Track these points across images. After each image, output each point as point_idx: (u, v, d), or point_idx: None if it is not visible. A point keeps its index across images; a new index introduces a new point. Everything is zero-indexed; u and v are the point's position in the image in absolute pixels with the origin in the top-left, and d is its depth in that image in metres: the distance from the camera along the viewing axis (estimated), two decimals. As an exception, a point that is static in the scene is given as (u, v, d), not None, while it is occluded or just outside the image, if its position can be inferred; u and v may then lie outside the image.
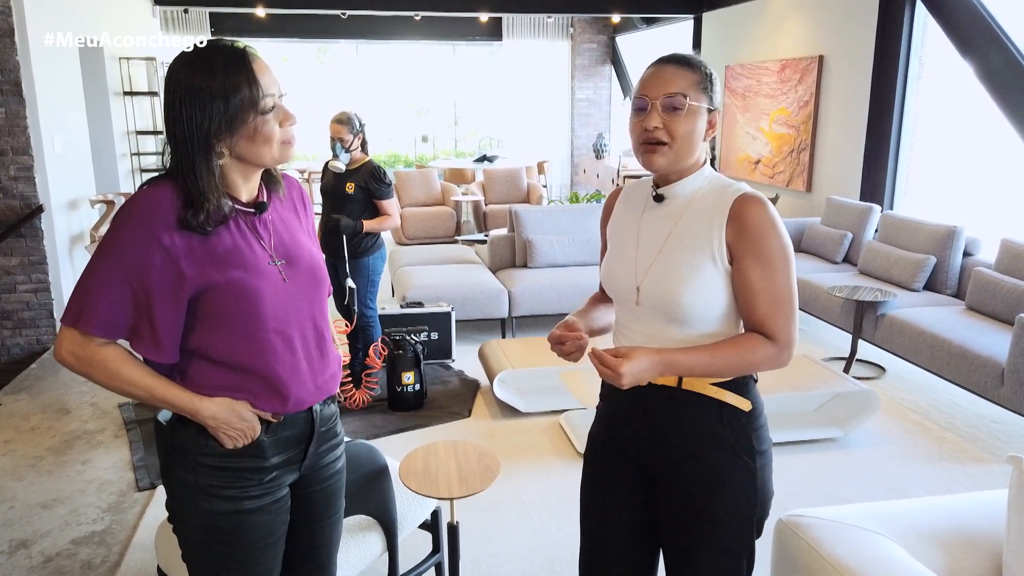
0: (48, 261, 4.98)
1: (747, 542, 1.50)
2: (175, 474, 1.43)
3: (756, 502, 1.48)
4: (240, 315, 1.35)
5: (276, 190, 1.49)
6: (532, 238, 5.47)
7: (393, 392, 3.98)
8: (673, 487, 1.50)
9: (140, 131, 7.14)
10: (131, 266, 1.28)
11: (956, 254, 4.66)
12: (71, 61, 5.44)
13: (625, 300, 1.53)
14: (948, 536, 1.78)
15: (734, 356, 1.39)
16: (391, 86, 12.93)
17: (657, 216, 1.51)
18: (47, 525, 2.94)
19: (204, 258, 1.32)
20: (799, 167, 6.83)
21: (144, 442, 3.59)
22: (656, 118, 1.40)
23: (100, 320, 1.30)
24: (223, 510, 1.41)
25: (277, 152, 1.37)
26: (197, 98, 1.28)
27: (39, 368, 4.71)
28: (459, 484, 2.19)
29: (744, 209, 1.40)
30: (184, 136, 1.29)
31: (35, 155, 4.83)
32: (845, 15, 6.16)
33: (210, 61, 1.30)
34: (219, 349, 1.37)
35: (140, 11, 7.64)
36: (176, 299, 1.31)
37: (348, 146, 3.88)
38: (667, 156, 1.42)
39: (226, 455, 1.40)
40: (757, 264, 1.39)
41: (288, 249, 1.45)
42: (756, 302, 1.40)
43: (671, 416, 1.48)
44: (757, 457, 1.48)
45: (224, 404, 1.37)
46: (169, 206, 1.30)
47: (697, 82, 1.41)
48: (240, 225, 1.39)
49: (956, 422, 3.85)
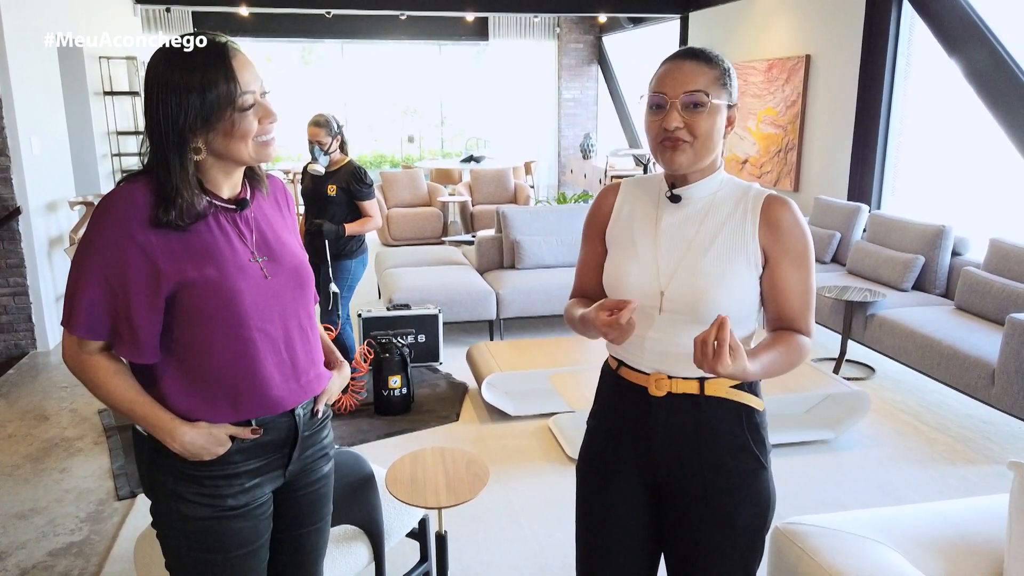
0: (26, 264, 4.88)
1: (759, 546, 1.48)
2: (156, 479, 1.40)
3: (771, 503, 1.47)
4: (220, 312, 1.32)
5: (260, 188, 1.46)
6: (520, 239, 5.43)
7: (380, 396, 3.92)
8: (688, 497, 1.46)
9: (121, 131, 7.03)
10: (108, 264, 1.26)
11: (944, 254, 4.65)
12: (49, 60, 5.33)
13: (644, 307, 1.44)
14: (947, 543, 1.74)
15: (791, 357, 1.39)
16: (377, 86, 12.84)
17: (676, 218, 1.45)
18: (23, 536, 2.86)
19: (181, 255, 1.29)
20: (786, 167, 6.82)
21: (124, 449, 3.51)
22: (676, 117, 1.35)
23: (83, 321, 1.29)
24: (203, 516, 1.37)
25: (253, 150, 1.32)
26: (173, 92, 1.25)
27: (16, 374, 4.61)
28: (447, 493, 2.14)
29: (778, 212, 1.40)
30: (159, 130, 1.26)
31: (12, 156, 4.73)
32: (832, 14, 6.15)
33: (189, 55, 1.26)
34: (201, 349, 1.33)
35: (121, 10, 7.52)
36: (154, 297, 1.28)
37: (327, 148, 3.82)
38: (688, 154, 1.37)
39: (199, 463, 1.37)
40: (792, 264, 1.40)
41: (271, 246, 1.41)
42: (790, 301, 1.42)
43: (694, 423, 1.44)
44: (768, 455, 1.48)
45: (202, 432, 1.34)
46: (143, 202, 1.27)
47: (716, 78, 1.37)
48: (220, 221, 1.35)
49: (947, 423, 3.84)
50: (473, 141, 11.66)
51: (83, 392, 4.25)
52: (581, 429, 3.60)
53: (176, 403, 1.35)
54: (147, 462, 1.43)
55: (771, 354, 1.36)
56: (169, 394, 1.35)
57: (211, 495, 1.37)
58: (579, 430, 3.61)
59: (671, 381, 1.44)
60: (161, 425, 1.33)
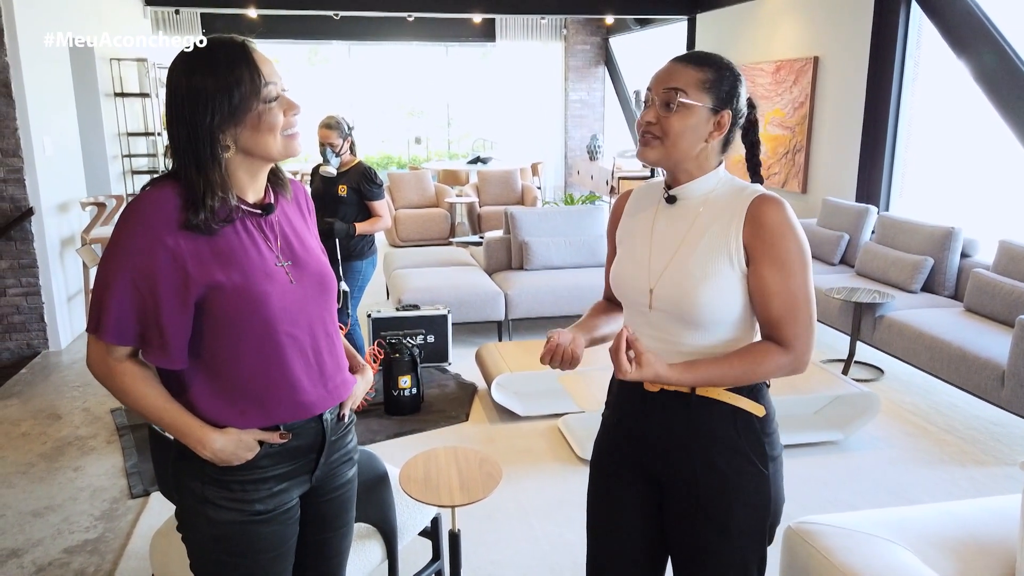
0: (39, 264, 4.92)
1: (759, 550, 1.48)
2: (183, 482, 1.40)
3: (769, 509, 1.46)
4: (249, 317, 1.32)
5: (283, 192, 1.47)
6: (528, 240, 5.44)
7: (390, 396, 3.94)
8: (684, 495, 1.47)
9: (131, 133, 7.07)
10: (137, 269, 1.26)
11: (954, 255, 4.65)
12: (61, 62, 5.38)
13: (637, 304, 1.50)
14: (959, 543, 1.75)
15: (748, 368, 1.38)
16: (384, 87, 12.87)
17: (670, 218, 1.48)
18: (39, 534, 2.89)
19: (210, 259, 1.30)
20: (794, 168, 6.83)
21: (137, 448, 3.54)
22: (652, 112, 1.41)
23: (112, 326, 1.28)
24: (231, 520, 1.38)
25: (281, 144, 1.34)
26: (200, 96, 1.26)
27: (29, 373, 4.65)
28: (460, 491, 2.16)
29: (761, 210, 1.38)
30: (188, 134, 1.27)
31: (25, 157, 4.77)
32: (840, 16, 6.16)
33: (211, 58, 1.28)
34: (230, 354, 1.33)
35: (131, 11, 7.56)
36: (183, 302, 1.28)
37: (338, 150, 3.85)
38: (657, 151, 1.41)
39: (228, 468, 1.37)
40: (772, 266, 1.36)
41: (295, 251, 1.42)
42: (771, 305, 1.38)
43: (684, 423, 1.45)
44: (770, 463, 1.45)
45: (231, 439, 1.34)
46: (171, 206, 1.27)
47: (701, 80, 1.39)
48: (247, 226, 1.36)
49: (956, 424, 3.84)
50: (480, 142, 11.68)
51: (95, 391, 4.29)
52: (591, 429, 3.61)
53: (205, 409, 1.35)
54: (173, 466, 1.42)
55: (717, 363, 1.38)
56: (198, 400, 1.35)
57: (239, 500, 1.38)
58: (588, 430, 3.62)
59: None
60: (191, 432, 1.33)
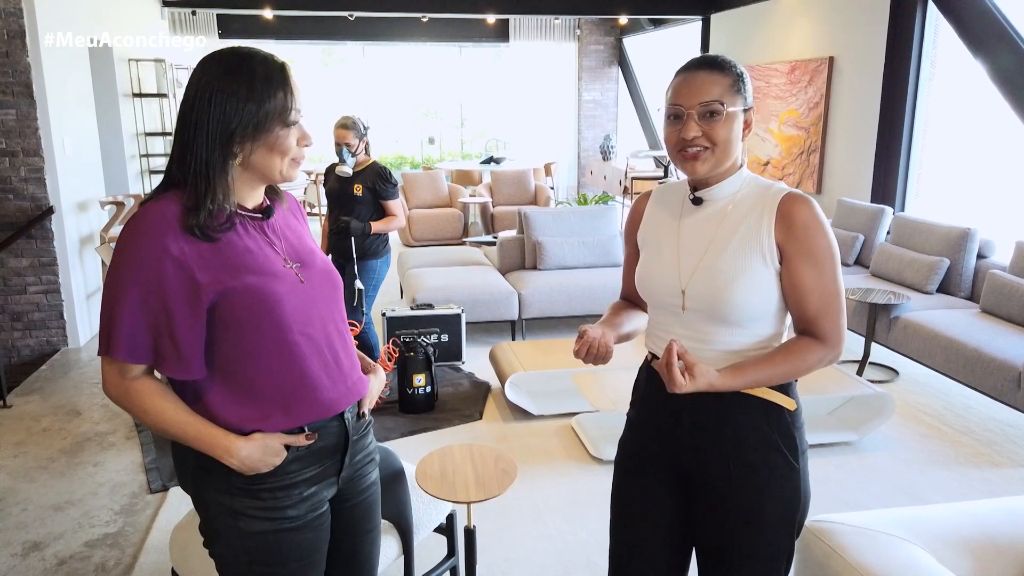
0: (58, 262, 4.98)
1: (788, 544, 1.49)
2: (209, 496, 1.37)
3: (799, 503, 1.47)
4: (263, 320, 1.31)
5: (278, 200, 1.48)
6: (542, 240, 5.46)
7: (404, 394, 3.97)
8: (715, 490, 1.49)
9: (149, 133, 7.14)
10: (145, 282, 1.25)
11: (970, 256, 4.63)
12: (81, 62, 5.45)
13: (668, 305, 1.51)
14: (975, 542, 1.75)
15: (792, 365, 1.41)
16: (397, 88, 12.92)
17: (697, 219, 1.49)
18: (60, 527, 2.93)
19: (217, 264, 1.29)
20: (809, 169, 6.81)
21: (155, 444, 3.59)
22: (694, 127, 1.39)
23: (124, 343, 1.26)
24: (263, 530, 1.36)
25: (285, 167, 1.35)
26: (231, 99, 1.27)
27: (49, 370, 4.71)
28: (476, 488, 2.17)
29: (793, 208, 1.40)
30: (206, 132, 1.27)
31: (45, 156, 4.83)
32: (855, 16, 6.13)
33: (249, 66, 1.29)
34: (247, 358, 1.33)
35: (148, 12, 7.64)
36: (194, 311, 1.27)
37: (354, 150, 3.87)
38: (709, 162, 1.42)
39: (256, 477, 1.35)
40: (807, 263, 1.39)
41: (299, 253, 1.43)
42: (807, 301, 1.41)
43: (716, 419, 1.47)
44: (800, 457, 1.48)
45: (258, 445, 1.32)
46: (173, 214, 1.27)
47: (730, 85, 1.40)
48: (249, 230, 1.36)
49: (971, 426, 3.82)
50: (493, 143, 11.71)
51: (114, 388, 4.34)
52: (604, 429, 3.63)
53: (226, 416, 1.33)
54: (195, 482, 1.39)
55: (763, 364, 1.40)
56: (217, 408, 1.33)
57: (270, 508, 1.36)
58: (602, 430, 3.63)
59: None
60: (216, 442, 1.30)
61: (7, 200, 4.83)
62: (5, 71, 4.66)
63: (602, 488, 3.15)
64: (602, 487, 3.16)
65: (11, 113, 4.72)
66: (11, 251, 4.88)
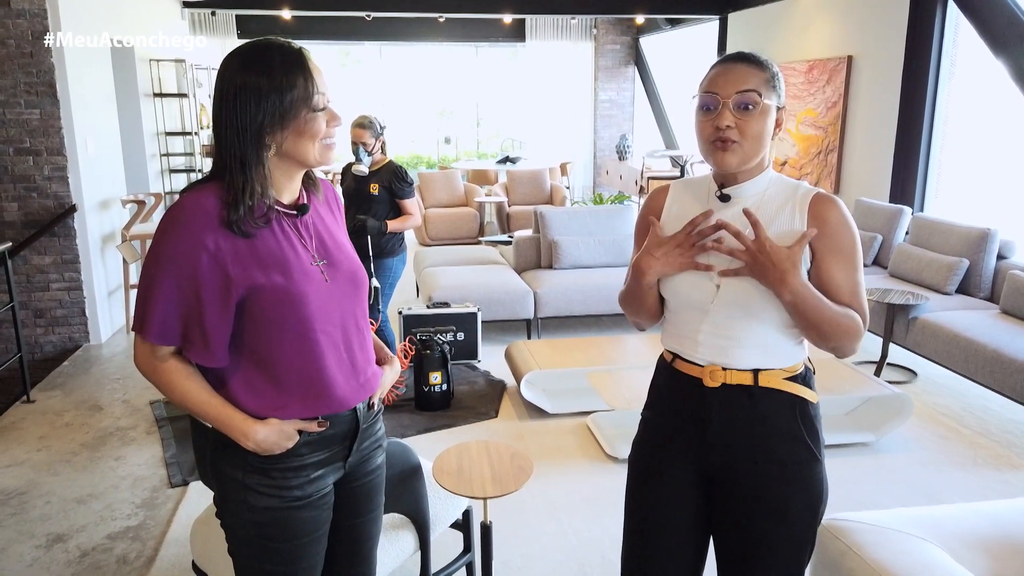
0: (81, 260, 5.06)
1: (811, 536, 1.51)
2: (224, 470, 1.44)
3: (824, 494, 1.50)
4: (288, 317, 1.36)
5: (315, 193, 1.51)
6: (557, 239, 5.47)
7: (420, 392, 3.99)
8: (741, 487, 1.50)
9: (169, 132, 7.22)
10: (180, 272, 1.30)
11: (990, 257, 4.59)
12: (103, 62, 5.52)
13: (695, 302, 1.50)
14: (992, 542, 1.75)
15: (841, 313, 1.41)
16: (414, 88, 12.97)
17: (725, 216, 1.48)
18: (83, 520, 2.98)
19: (250, 261, 1.34)
20: (827, 168, 6.77)
21: (176, 439, 3.63)
22: (728, 116, 1.39)
23: (156, 327, 1.33)
24: (270, 506, 1.43)
25: (318, 151, 1.38)
26: (254, 93, 1.30)
27: (71, 365, 4.78)
28: (493, 484, 2.19)
29: (824, 208, 1.44)
30: (236, 129, 1.31)
31: (68, 155, 4.91)
32: (874, 15, 6.09)
33: (267, 57, 1.32)
34: (270, 352, 1.38)
35: (169, 13, 7.73)
36: (225, 303, 1.33)
37: (371, 149, 3.91)
38: (738, 154, 1.41)
39: (269, 456, 1.42)
40: (839, 260, 1.43)
41: (329, 250, 1.46)
42: (839, 295, 1.44)
43: (748, 414, 1.48)
44: (822, 448, 1.50)
45: (274, 429, 1.39)
46: (212, 206, 1.31)
47: (767, 80, 1.41)
48: (283, 227, 1.40)
49: (990, 427, 3.79)
50: (509, 142, 11.72)
51: (135, 384, 4.40)
52: (619, 427, 3.63)
53: (246, 403, 1.40)
54: (212, 456, 1.47)
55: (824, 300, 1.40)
56: (238, 395, 1.40)
57: (279, 486, 1.42)
58: (617, 428, 3.64)
59: (725, 372, 1.48)
60: (234, 425, 1.38)
61: (31, 198, 4.91)
62: (29, 71, 4.74)
63: (617, 486, 3.15)
64: (617, 486, 3.17)
65: (35, 113, 4.79)
66: (34, 249, 4.96)
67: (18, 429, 3.84)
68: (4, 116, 4.77)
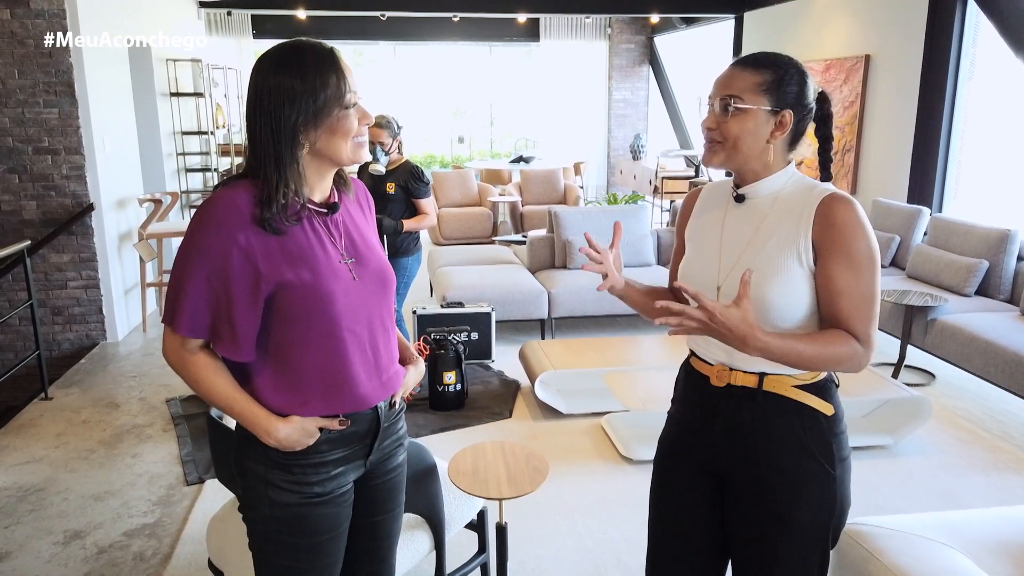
0: (98, 258, 5.10)
1: (821, 550, 1.47)
2: (247, 465, 1.46)
3: (834, 510, 1.45)
4: (315, 315, 1.38)
5: (346, 191, 1.53)
6: (572, 239, 5.45)
7: (434, 392, 3.99)
8: (748, 491, 1.48)
9: (186, 131, 7.27)
10: (211, 266, 1.32)
11: (1010, 258, 4.54)
12: (121, 62, 5.56)
13: None
14: (1016, 547, 1.72)
15: (822, 348, 1.34)
16: (428, 87, 12.99)
17: (739, 216, 1.50)
18: (100, 517, 3.00)
19: (280, 258, 1.35)
20: (844, 169, 6.71)
21: (192, 437, 3.65)
22: (712, 118, 1.44)
23: (186, 320, 1.35)
24: (291, 502, 1.44)
25: (351, 149, 1.40)
26: (288, 94, 1.32)
27: (89, 363, 4.82)
28: (508, 485, 2.19)
29: (832, 208, 1.38)
30: (271, 129, 1.33)
31: (86, 154, 4.95)
32: (893, 14, 6.03)
33: (299, 58, 1.34)
34: (296, 349, 1.39)
35: (186, 13, 7.77)
36: (254, 299, 1.35)
37: (387, 149, 3.92)
38: (720, 155, 1.44)
39: (291, 452, 1.43)
40: (841, 263, 1.36)
41: (358, 249, 1.48)
42: (839, 302, 1.37)
43: (750, 418, 1.46)
44: (837, 464, 1.45)
45: (295, 427, 1.40)
46: (244, 204, 1.33)
47: (758, 83, 1.40)
48: (314, 225, 1.42)
49: (1011, 431, 3.75)
50: (522, 142, 11.72)
51: (151, 381, 4.43)
52: (634, 428, 3.62)
53: (269, 399, 1.41)
54: (236, 450, 1.48)
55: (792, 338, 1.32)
56: (263, 391, 1.41)
57: (299, 482, 1.44)
58: (632, 429, 3.62)
59: (732, 373, 1.47)
60: (257, 422, 1.39)
61: (49, 197, 4.95)
62: (48, 71, 4.78)
63: (632, 488, 3.14)
64: (632, 487, 3.15)
65: (53, 112, 4.83)
66: (53, 247, 5.00)
67: (36, 426, 3.87)
68: (23, 116, 4.82)
